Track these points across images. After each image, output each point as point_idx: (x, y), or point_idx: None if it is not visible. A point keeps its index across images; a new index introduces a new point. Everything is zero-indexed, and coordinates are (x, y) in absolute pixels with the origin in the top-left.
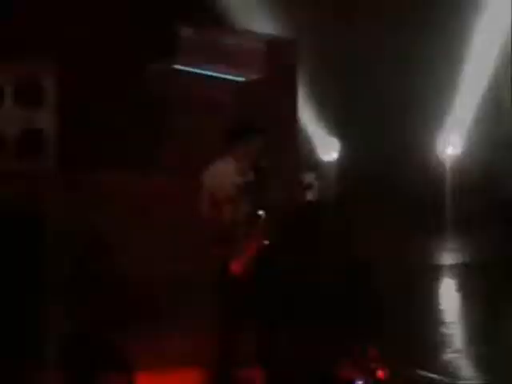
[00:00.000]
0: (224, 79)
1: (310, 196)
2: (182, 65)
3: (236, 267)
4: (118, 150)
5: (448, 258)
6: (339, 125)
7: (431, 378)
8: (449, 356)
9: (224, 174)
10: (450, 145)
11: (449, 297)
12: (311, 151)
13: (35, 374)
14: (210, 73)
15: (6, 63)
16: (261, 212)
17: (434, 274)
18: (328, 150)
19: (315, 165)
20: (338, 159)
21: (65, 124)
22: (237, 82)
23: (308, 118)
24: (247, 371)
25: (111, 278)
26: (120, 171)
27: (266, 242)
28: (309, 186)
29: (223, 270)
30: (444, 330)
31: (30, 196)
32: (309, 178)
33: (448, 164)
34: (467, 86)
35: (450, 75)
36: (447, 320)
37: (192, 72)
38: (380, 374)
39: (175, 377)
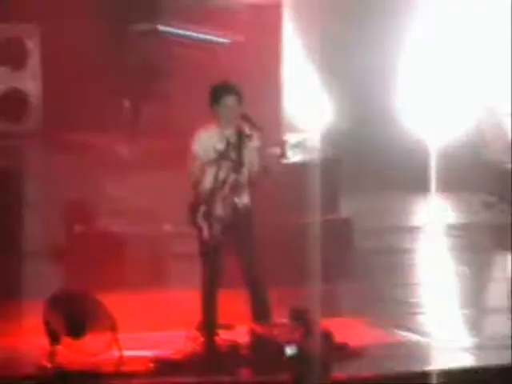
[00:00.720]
0: (209, 40)
1: (296, 157)
2: (167, 26)
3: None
4: (100, 113)
5: (430, 218)
6: (328, 85)
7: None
8: (425, 316)
9: (207, 138)
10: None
11: (432, 256)
12: (294, 114)
13: None
14: (194, 34)
15: None
16: (236, 179)
17: (416, 233)
18: (314, 112)
19: (298, 129)
20: (323, 122)
21: (47, 86)
22: (223, 42)
23: (294, 81)
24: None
25: (95, 238)
26: (104, 133)
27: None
28: (296, 145)
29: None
30: (426, 289)
31: (12, 154)
32: (294, 139)
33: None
34: None
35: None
36: (430, 280)
37: (176, 33)
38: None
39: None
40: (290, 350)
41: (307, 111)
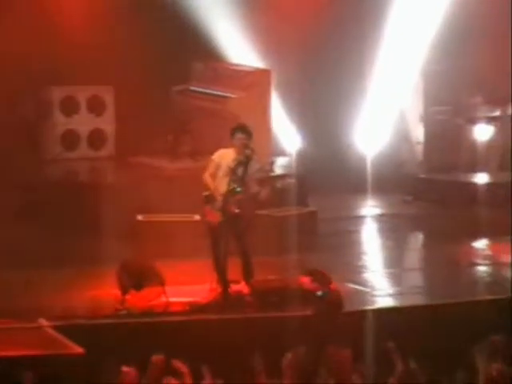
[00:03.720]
0: (223, 96)
1: (278, 171)
2: (195, 86)
3: (211, 217)
4: (155, 143)
5: (369, 210)
6: (299, 123)
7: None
8: (367, 274)
9: (225, 157)
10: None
11: (370, 236)
12: (278, 143)
13: None
14: (213, 92)
15: (82, 86)
16: (239, 189)
17: (360, 221)
18: (291, 142)
19: (282, 152)
20: (298, 149)
21: (119, 127)
22: (231, 97)
23: (277, 120)
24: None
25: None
26: (155, 157)
27: (237, 210)
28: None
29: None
30: (367, 257)
31: (97, 171)
32: (279, 161)
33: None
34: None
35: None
36: (369, 251)
37: (202, 91)
38: (332, 286)
39: (192, 289)
40: (319, 293)
41: (287, 141)
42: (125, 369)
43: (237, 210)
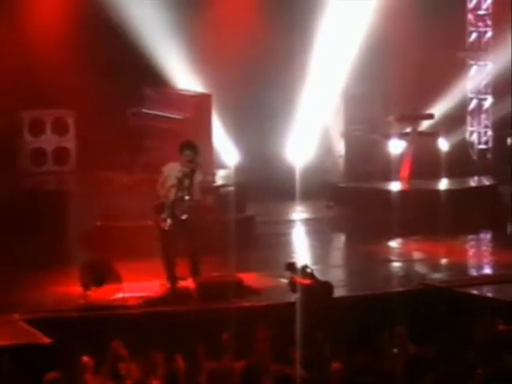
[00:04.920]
0: (171, 117)
1: (220, 182)
2: (147, 109)
3: (163, 223)
4: (112, 159)
5: (298, 215)
6: (237, 139)
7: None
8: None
9: (173, 169)
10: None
11: (299, 237)
12: (219, 157)
13: None
14: (162, 113)
15: (48, 110)
16: (187, 197)
17: (290, 224)
18: (230, 156)
19: (223, 165)
20: (236, 162)
21: (80, 145)
22: (178, 118)
23: (218, 137)
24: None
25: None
26: (113, 171)
27: (184, 216)
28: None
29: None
30: (297, 255)
31: (62, 183)
32: (220, 173)
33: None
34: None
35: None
36: (299, 250)
37: (153, 113)
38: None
39: (145, 286)
40: None
41: (227, 155)
42: (85, 358)
43: (184, 216)
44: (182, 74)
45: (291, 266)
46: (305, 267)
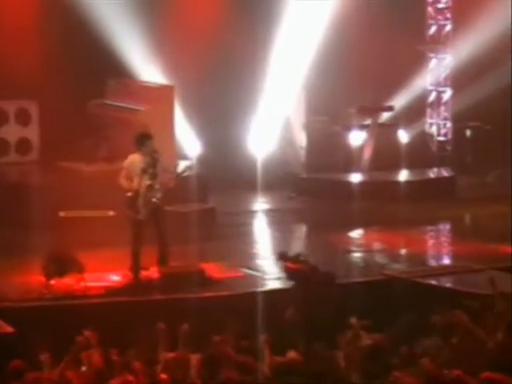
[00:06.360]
0: (133, 108)
1: (186, 173)
2: (110, 100)
3: (137, 213)
4: (74, 149)
5: (259, 206)
6: (199, 131)
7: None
8: (261, 261)
9: (134, 161)
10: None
11: (261, 227)
12: (182, 148)
13: None
14: (124, 105)
15: (11, 100)
16: (157, 186)
17: (252, 215)
18: (193, 147)
19: (185, 156)
20: (198, 153)
21: (43, 135)
22: (140, 109)
23: (181, 129)
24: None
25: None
26: (74, 161)
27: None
28: (186, 169)
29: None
30: (259, 245)
31: (24, 173)
32: (182, 164)
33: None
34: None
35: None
36: (260, 240)
37: (115, 105)
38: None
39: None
40: None
41: (189, 147)
42: (42, 356)
43: (155, 199)
44: (145, 65)
45: (283, 255)
46: (298, 255)
